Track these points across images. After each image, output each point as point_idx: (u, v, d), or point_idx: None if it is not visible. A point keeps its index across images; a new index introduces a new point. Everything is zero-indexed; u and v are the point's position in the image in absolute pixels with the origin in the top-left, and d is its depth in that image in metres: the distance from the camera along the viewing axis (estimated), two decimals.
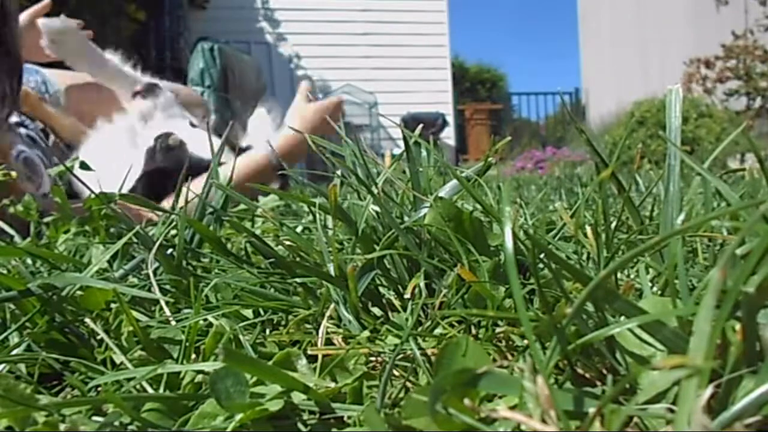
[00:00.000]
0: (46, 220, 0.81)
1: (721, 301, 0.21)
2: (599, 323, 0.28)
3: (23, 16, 1.53)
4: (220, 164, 0.60)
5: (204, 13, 6.93)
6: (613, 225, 0.42)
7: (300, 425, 0.30)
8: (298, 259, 0.51)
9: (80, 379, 0.38)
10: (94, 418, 0.31)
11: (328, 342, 0.40)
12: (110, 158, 1.29)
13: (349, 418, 0.30)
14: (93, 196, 0.68)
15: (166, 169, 1.30)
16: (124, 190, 1.05)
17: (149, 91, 1.52)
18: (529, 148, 7.66)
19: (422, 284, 0.43)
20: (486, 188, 0.52)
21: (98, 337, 0.41)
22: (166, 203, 1.14)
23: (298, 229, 0.63)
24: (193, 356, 0.37)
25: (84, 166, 0.85)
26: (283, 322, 0.45)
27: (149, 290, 0.46)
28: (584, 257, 0.48)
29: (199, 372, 0.34)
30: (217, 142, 0.61)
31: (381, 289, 0.46)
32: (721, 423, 0.21)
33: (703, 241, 0.48)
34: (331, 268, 0.44)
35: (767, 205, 0.23)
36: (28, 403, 0.29)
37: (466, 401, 0.24)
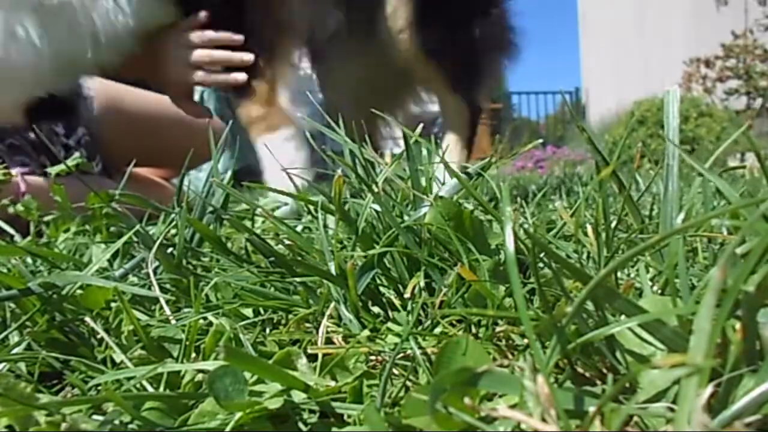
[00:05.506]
0: (46, 219, 0.80)
1: (721, 300, 0.21)
2: (599, 322, 0.27)
3: None
4: None
5: None
6: (614, 224, 0.42)
7: (300, 424, 0.30)
8: (298, 258, 0.51)
9: (80, 378, 0.38)
10: (95, 416, 0.31)
11: (328, 341, 0.40)
12: None
13: (349, 417, 0.30)
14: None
15: None
16: None
17: None
18: None
19: (422, 283, 0.43)
20: (485, 188, 0.52)
21: (98, 336, 0.41)
22: None
23: (298, 228, 0.63)
24: (193, 355, 0.37)
25: (83, 164, 0.85)
26: (283, 321, 0.45)
27: (149, 289, 0.46)
28: (584, 256, 0.48)
29: (199, 371, 0.34)
30: None
31: (381, 288, 0.46)
32: (721, 422, 0.21)
33: (703, 240, 0.48)
34: (331, 267, 0.44)
35: (767, 204, 0.23)
36: (28, 402, 0.29)
37: (466, 400, 0.24)
